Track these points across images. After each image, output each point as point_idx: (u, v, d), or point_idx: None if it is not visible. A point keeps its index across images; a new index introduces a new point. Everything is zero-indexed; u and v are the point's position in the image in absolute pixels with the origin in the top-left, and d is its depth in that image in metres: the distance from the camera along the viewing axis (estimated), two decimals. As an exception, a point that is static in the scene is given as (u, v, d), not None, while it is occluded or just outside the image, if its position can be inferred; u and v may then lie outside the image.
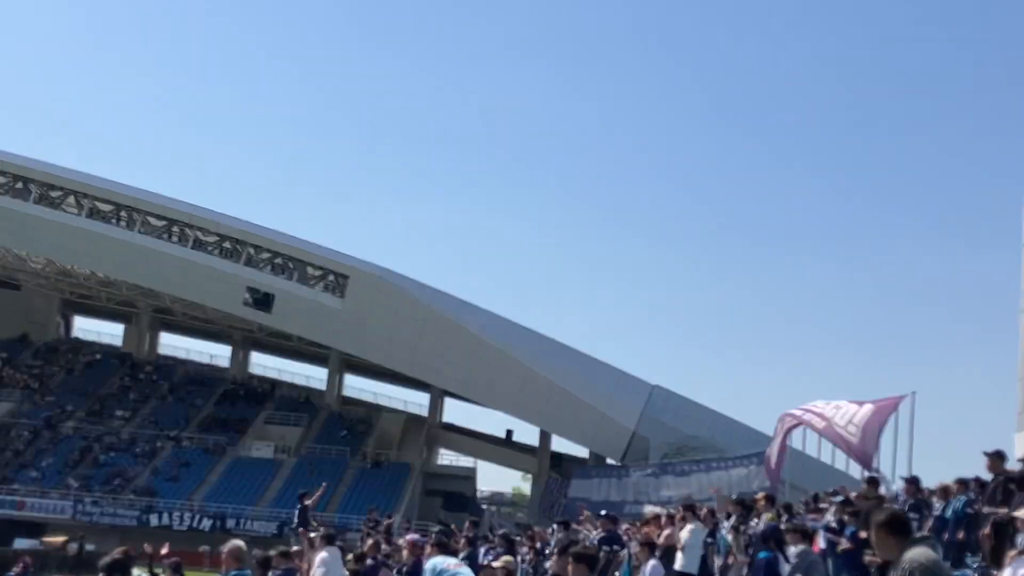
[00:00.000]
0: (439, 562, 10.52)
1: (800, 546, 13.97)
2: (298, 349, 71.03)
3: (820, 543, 15.88)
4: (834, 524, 15.57)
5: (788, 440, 28.01)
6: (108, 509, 55.23)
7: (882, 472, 20.69)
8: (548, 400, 53.88)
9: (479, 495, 72.87)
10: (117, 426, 64.84)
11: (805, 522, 16.54)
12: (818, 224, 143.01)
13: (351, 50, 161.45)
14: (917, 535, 5.98)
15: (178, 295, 61.99)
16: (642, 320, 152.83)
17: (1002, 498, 14.36)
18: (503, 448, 69.68)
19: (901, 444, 22.94)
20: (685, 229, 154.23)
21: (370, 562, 15.96)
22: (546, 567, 17.24)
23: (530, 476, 72.99)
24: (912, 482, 16.89)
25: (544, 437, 64.10)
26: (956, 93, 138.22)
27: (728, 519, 17.47)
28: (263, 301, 57.71)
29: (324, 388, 71.69)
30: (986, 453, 15.06)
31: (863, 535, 13.70)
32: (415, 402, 71.91)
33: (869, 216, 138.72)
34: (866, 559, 14.06)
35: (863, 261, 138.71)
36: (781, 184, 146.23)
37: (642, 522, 21.06)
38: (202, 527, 53.99)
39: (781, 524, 15.30)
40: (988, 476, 15.36)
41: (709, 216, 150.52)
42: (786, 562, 14.09)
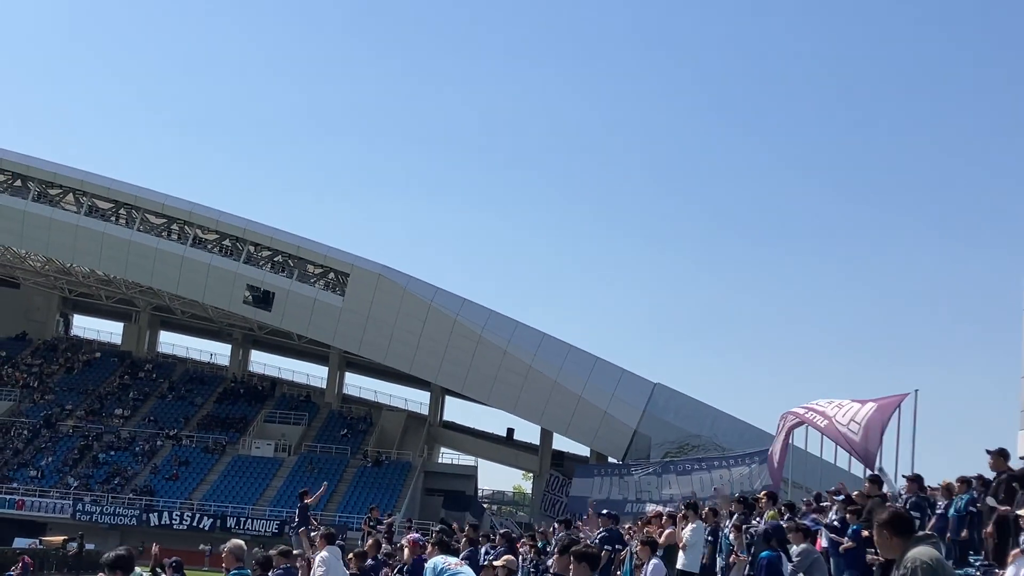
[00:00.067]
0: (440, 561, 10.46)
1: (802, 545, 13.90)
2: (298, 347, 70.98)
3: (822, 542, 15.82)
4: (836, 523, 15.50)
5: (790, 439, 27.95)
6: (108, 508, 55.23)
7: (885, 471, 20.62)
8: (549, 398, 53.78)
9: (480, 494, 72.80)
10: (116, 425, 64.81)
11: (807, 521, 16.49)
12: (820, 223, 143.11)
13: (352, 50, 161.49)
14: (920, 534, 5.93)
15: (178, 293, 61.87)
16: (644, 319, 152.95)
17: (1005, 496, 14.31)
18: (504, 446, 69.59)
19: (904, 442, 22.90)
20: (687, 228, 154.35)
21: (371, 561, 15.87)
22: (548, 564, 17.16)
23: (531, 475, 72.95)
24: (915, 480, 16.83)
25: (545, 435, 63.98)
26: (957, 93, 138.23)
27: (730, 518, 17.39)
28: (263, 299, 57.66)
29: (324, 386, 71.62)
30: (989, 451, 15.02)
31: (865, 534, 13.65)
32: (416, 400, 72.08)
33: (871, 215, 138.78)
34: (868, 558, 14.01)
35: (865, 260, 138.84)
36: (783, 184, 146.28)
37: (643, 521, 21.01)
38: (202, 526, 54.06)
39: (783, 523, 15.22)
40: (991, 474, 15.32)
41: (711, 215, 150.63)
42: (788, 561, 14.01)
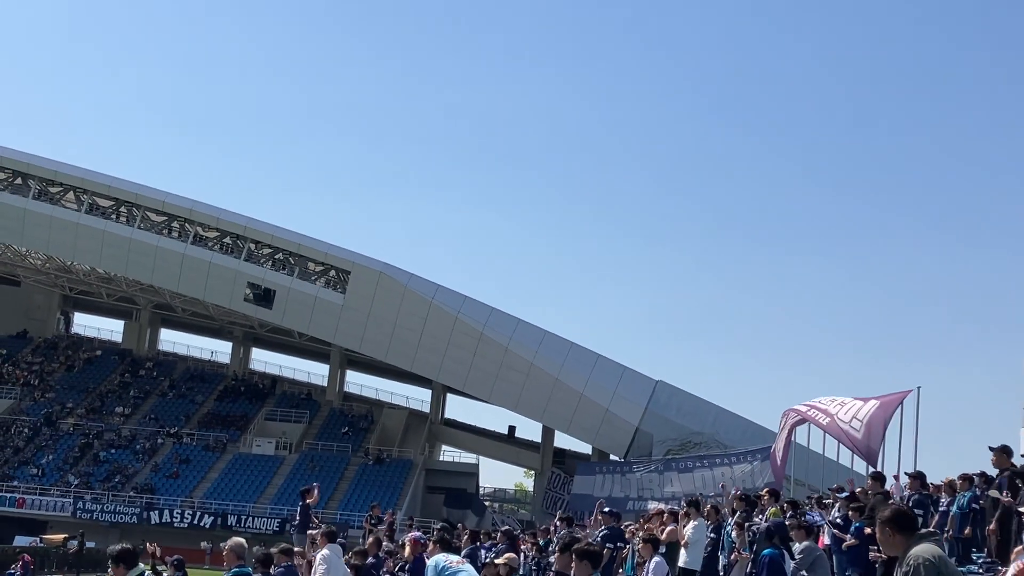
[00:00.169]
0: (442, 559, 10.43)
1: (805, 542, 13.86)
2: (299, 345, 70.91)
3: (825, 539, 15.78)
4: (839, 520, 15.45)
5: (793, 436, 27.90)
6: (108, 506, 55.19)
7: (893, 483, 20.44)
8: (551, 396, 53.71)
9: (482, 492, 72.74)
10: (117, 423, 64.76)
11: (810, 518, 16.44)
12: (822, 222, 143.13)
13: (352, 49, 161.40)
14: (922, 531, 5.91)
15: (178, 291, 61.82)
16: (645, 316, 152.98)
17: (1008, 493, 14.26)
18: (506, 444, 69.50)
19: (906, 440, 22.81)
20: (689, 226, 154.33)
21: (372, 559, 15.83)
22: (550, 561, 17.11)
23: (533, 472, 72.89)
24: (917, 478, 16.77)
25: (547, 433, 63.92)
26: (958, 93, 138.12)
27: (732, 515, 17.34)
28: (264, 297, 57.61)
29: (325, 384, 71.56)
30: (992, 448, 14.95)
31: (868, 531, 13.59)
32: (417, 398, 72.08)
33: (872, 214, 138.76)
34: (871, 555, 13.96)
35: (867, 258, 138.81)
36: (784, 182, 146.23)
37: (645, 518, 20.96)
38: (203, 524, 54.02)
39: (786, 520, 15.17)
40: (994, 471, 15.27)
41: (712, 213, 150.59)
42: (791, 558, 13.97)
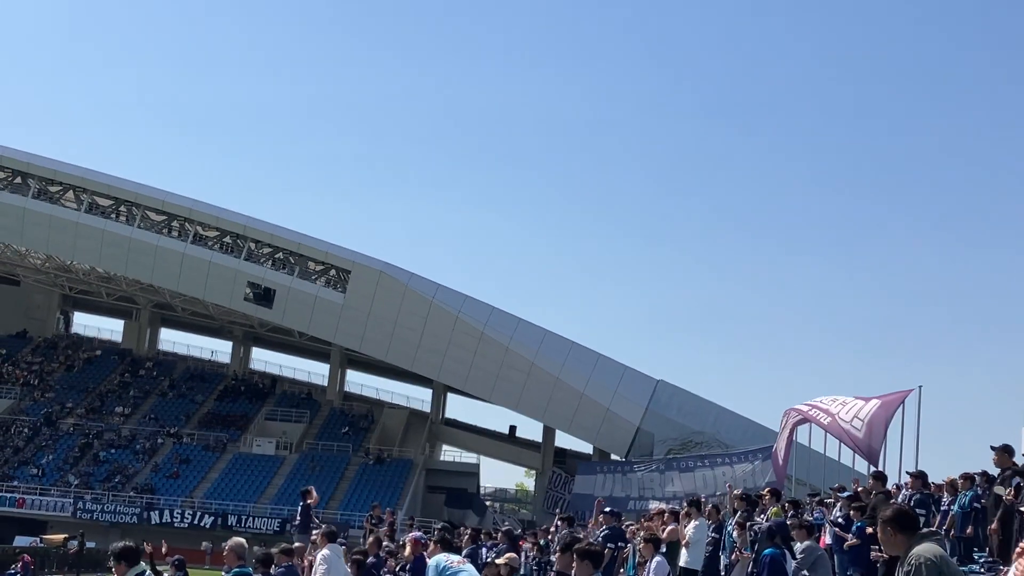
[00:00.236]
0: (442, 559, 10.42)
1: (806, 542, 13.83)
2: (299, 344, 70.89)
3: (826, 539, 15.75)
4: (840, 519, 15.42)
5: (794, 435, 27.87)
6: (108, 506, 55.18)
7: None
8: (552, 396, 53.70)
9: (482, 491, 72.75)
10: (117, 423, 64.73)
11: (812, 517, 16.41)
12: (823, 221, 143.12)
13: (353, 48, 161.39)
14: (924, 531, 5.90)
15: (178, 290, 61.80)
16: (646, 315, 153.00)
17: (1012, 492, 14.23)
18: (507, 444, 69.51)
19: (907, 439, 22.76)
20: (689, 225, 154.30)
21: (372, 559, 15.79)
22: (552, 559, 17.07)
23: (534, 472, 72.87)
24: (919, 477, 16.72)
25: (548, 433, 63.90)
26: (958, 93, 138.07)
27: (733, 515, 17.31)
28: (264, 296, 57.60)
29: (326, 384, 71.53)
30: (993, 447, 14.92)
31: (869, 530, 13.56)
32: (417, 398, 72.08)
33: (874, 213, 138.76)
34: (872, 555, 13.93)
35: (868, 257, 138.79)
36: (785, 181, 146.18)
37: (646, 518, 20.94)
38: (203, 524, 54.00)
39: (787, 519, 15.14)
40: (995, 471, 15.23)
41: (713, 212, 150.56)
42: (792, 558, 13.94)
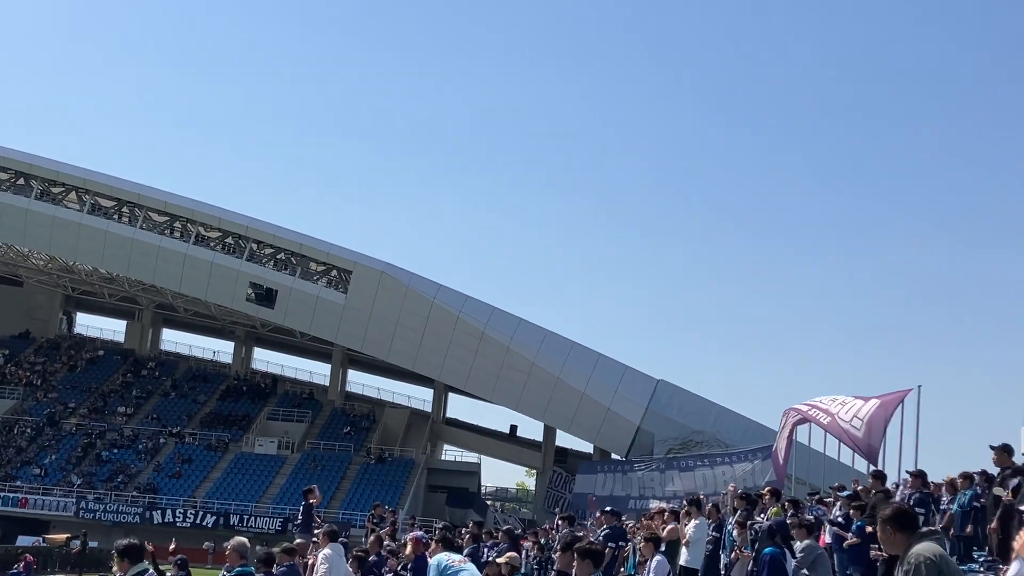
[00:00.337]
0: (444, 558, 10.46)
1: (806, 541, 13.88)
2: (301, 345, 70.95)
3: (826, 538, 15.79)
4: (840, 519, 15.47)
5: (794, 435, 27.91)
6: (111, 506, 55.24)
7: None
8: (552, 395, 53.75)
9: (483, 491, 72.81)
10: (119, 423, 64.80)
11: (814, 514, 16.46)
12: (824, 220, 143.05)
13: (354, 49, 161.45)
14: (923, 530, 5.91)
15: (180, 291, 61.86)
16: (647, 315, 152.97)
17: (1010, 492, 14.27)
18: (507, 443, 69.57)
19: (907, 438, 22.76)
20: (690, 225, 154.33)
21: (374, 558, 15.86)
22: (553, 558, 17.14)
23: (535, 471, 72.93)
24: (918, 476, 16.76)
25: (549, 432, 63.95)
26: (959, 92, 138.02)
27: (733, 514, 17.36)
28: (266, 297, 57.66)
29: (327, 384, 71.58)
30: (993, 447, 14.95)
31: (869, 530, 13.61)
32: (419, 397, 72.16)
33: (874, 212, 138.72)
34: (872, 554, 13.97)
35: (868, 257, 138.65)
36: (786, 180, 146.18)
37: (647, 517, 20.99)
38: (205, 524, 54.03)
39: (787, 519, 15.19)
40: (995, 470, 15.26)
41: (714, 212, 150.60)
42: (792, 557, 13.99)
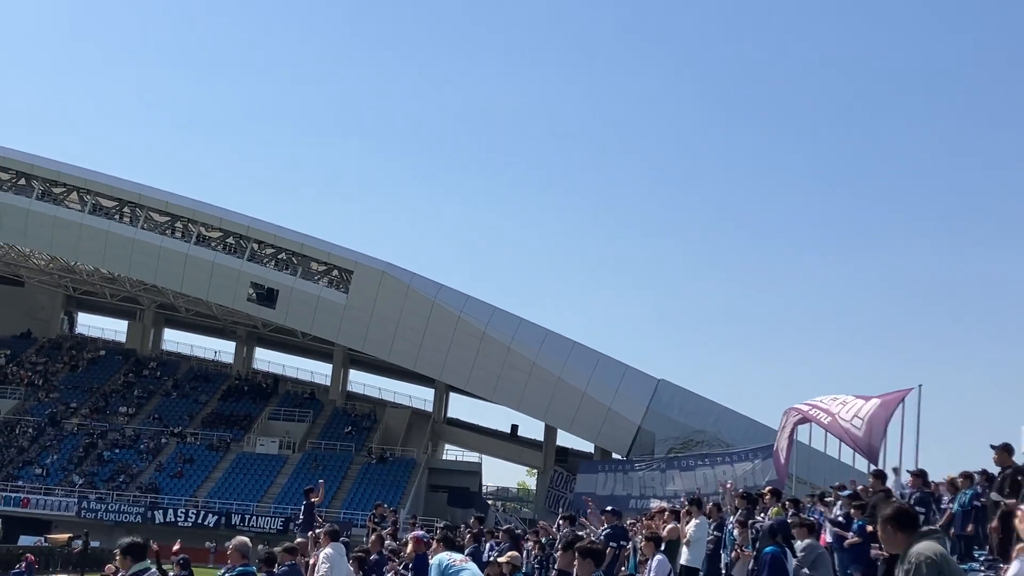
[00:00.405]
0: (445, 558, 10.49)
1: (807, 540, 13.89)
2: (302, 345, 70.97)
3: (827, 537, 15.79)
4: (841, 518, 15.48)
5: (795, 434, 27.91)
6: (113, 506, 55.29)
7: (893, 478, 20.43)
8: (553, 395, 53.76)
9: (484, 490, 72.84)
10: (121, 422, 64.85)
11: (813, 516, 16.46)
12: (825, 219, 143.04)
13: (355, 48, 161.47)
14: (924, 529, 5.91)
15: (182, 291, 61.91)
16: (647, 315, 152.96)
17: (1010, 491, 14.27)
18: (508, 443, 69.60)
19: (907, 438, 22.76)
20: (690, 224, 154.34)
21: (375, 557, 15.89)
22: (555, 556, 17.18)
23: (535, 471, 72.96)
24: (919, 475, 16.77)
25: (549, 432, 63.97)
26: (959, 92, 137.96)
27: (734, 513, 17.38)
28: (267, 297, 57.69)
29: (328, 383, 71.62)
30: (993, 446, 14.94)
31: (870, 529, 13.62)
32: (420, 397, 72.17)
33: (875, 211, 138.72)
34: (873, 553, 13.98)
35: (869, 256, 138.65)
36: (787, 179, 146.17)
37: (648, 516, 21.01)
38: (207, 523, 54.08)
39: (788, 518, 15.20)
40: (995, 469, 15.27)
41: (714, 211, 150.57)
42: (793, 556, 14.00)
